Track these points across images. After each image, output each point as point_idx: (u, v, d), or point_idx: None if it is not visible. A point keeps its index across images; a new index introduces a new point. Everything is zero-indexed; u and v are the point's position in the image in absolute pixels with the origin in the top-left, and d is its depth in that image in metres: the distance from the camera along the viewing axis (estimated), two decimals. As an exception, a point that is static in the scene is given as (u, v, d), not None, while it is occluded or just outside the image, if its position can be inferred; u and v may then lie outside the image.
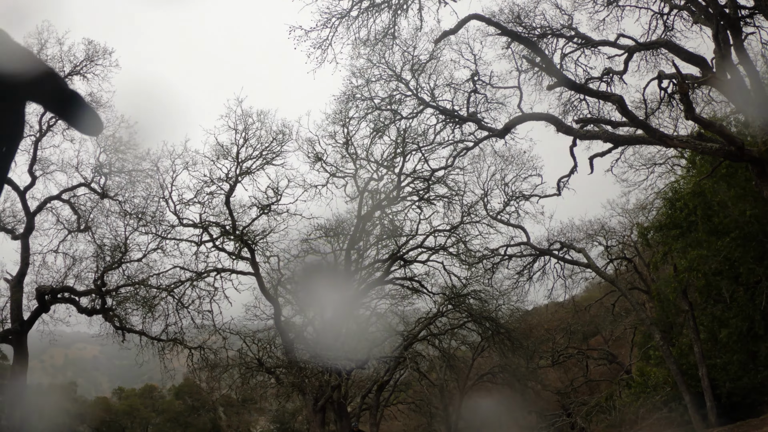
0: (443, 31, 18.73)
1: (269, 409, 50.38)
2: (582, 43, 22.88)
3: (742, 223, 21.36)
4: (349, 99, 22.92)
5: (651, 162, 29.38)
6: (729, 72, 18.25)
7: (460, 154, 24.05)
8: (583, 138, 19.83)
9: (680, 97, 15.55)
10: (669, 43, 20.98)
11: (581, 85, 19.36)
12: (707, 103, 25.24)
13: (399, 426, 45.56)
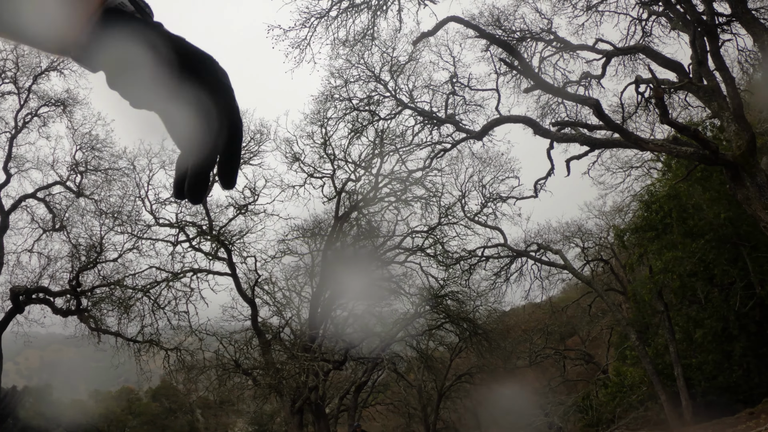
0: (421, 33, 18.77)
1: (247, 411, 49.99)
2: (561, 47, 23.01)
3: (717, 226, 21.63)
4: (328, 99, 22.91)
5: (628, 165, 29.65)
6: (705, 78, 18.47)
7: (438, 156, 24.09)
8: (560, 141, 19.96)
9: (655, 101, 15.71)
10: (647, 48, 21.17)
11: (558, 89, 19.48)
12: (684, 108, 25.51)
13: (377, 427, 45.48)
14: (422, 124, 22.87)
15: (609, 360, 36.49)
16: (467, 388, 38.82)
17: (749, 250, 21.23)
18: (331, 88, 22.64)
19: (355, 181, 25.71)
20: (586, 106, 22.24)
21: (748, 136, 16.70)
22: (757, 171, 16.48)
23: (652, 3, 22.06)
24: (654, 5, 22.06)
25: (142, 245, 24.52)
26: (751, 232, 21.13)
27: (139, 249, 24.44)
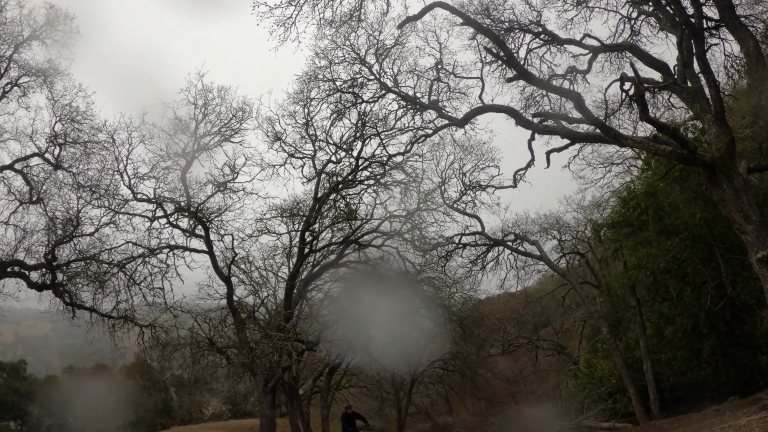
0: (407, 17, 18.63)
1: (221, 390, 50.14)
2: (548, 40, 22.99)
3: (692, 225, 21.89)
4: (311, 79, 22.69)
5: (608, 161, 29.90)
6: (690, 80, 18.56)
7: (419, 141, 24.06)
8: (541, 132, 20.00)
9: (636, 98, 15.76)
10: (633, 46, 21.23)
11: (540, 80, 19.48)
12: (667, 108, 25.68)
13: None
14: (405, 108, 22.81)
15: (580, 352, 36.99)
16: (440, 374, 39.17)
17: (722, 251, 21.52)
18: (315, 69, 22.45)
19: (335, 162, 25.62)
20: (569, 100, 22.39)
21: (728, 139, 16.85)
22: (735, 174, 16.65)
23: (642, 2, 22.09)
24: (644, 5, 22.10)
25: (119, 220, 24.28)
26: (725, 234, 21.41)
27: (116, 224, 24.18)
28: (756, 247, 15.80)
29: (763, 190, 22.71)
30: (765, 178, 23.23)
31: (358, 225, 27.01)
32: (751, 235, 15.92)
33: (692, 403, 24.25)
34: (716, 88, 18.03)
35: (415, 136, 24.03)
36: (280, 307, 26.39)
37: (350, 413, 22.13)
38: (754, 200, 16.76)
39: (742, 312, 22.91)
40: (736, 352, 23.03)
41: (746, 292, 21.17)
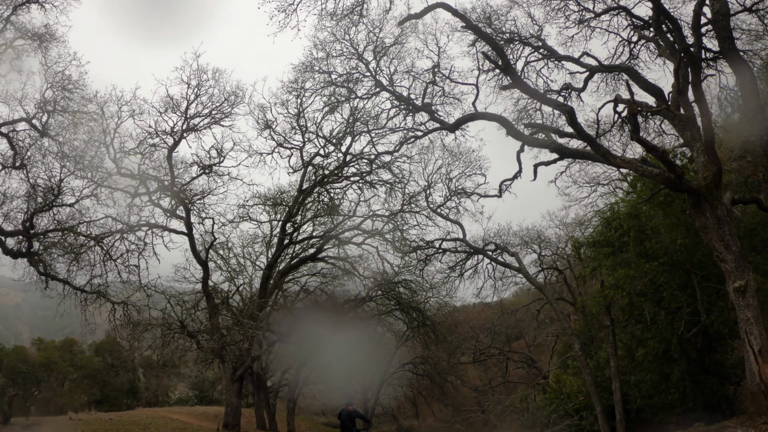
0: (408, 14, 18.54)
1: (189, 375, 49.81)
2: (547, 55, 23.07)
3: (672, 251, 21.99)
4: (307, 70, 22.59)
5: (595, 181, 30.09)
6: (683, 107, 18.70)
7: (409, 142, 24.04)
8: (531, 145, 20.00)
9: (629, 117, 15.83)
10: (630, 69, 21.34)
11: (535, 91, 19.50)
12: (658, 134, 25.87)
13: (317, 405, 45.64)
14: (398, 108, 22.78)
15: (551, 366, 37.08)
16: (409, 377, 39.13)
17: (700, 278, 21.62)
18: (312, 60, 22.38)
19: (323, 156, 25.59)
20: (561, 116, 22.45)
21: (716, 169, 16.99)
22: (719, 204, 16.79)
23: (643, 27, 22.23)
24: (645, 30, 22.25)
25: (100, 193, 24.06)
26: (704, 262, 21.52)
27: (97, 197, 23.96)
28: (734, 276, 15.94)
29: (745, 223, 22.89)
30: (748, 212, 23.41)
31: (340, 220, 26.94)
32: (730, 264, 16.06)
33: (658, 426, 24.34)
34: (708, 117, 18.14)
35: (405, 137, 24.01)
36: (255, 295, 26.27)
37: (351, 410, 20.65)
38: (735, 231, 16.92)
39: (714, 340, 23.02)
40: (704, 379, 23.13)
41: (720, 321, 21.28)
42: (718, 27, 16.95)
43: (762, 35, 26.00)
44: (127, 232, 24.33)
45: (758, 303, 16.07)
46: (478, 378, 41.74)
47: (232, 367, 24.88)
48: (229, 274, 28.00)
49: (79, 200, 23.88)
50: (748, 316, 15.68)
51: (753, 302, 15.79)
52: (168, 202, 24.92)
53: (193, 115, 24.26)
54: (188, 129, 24.25)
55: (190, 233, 24.71)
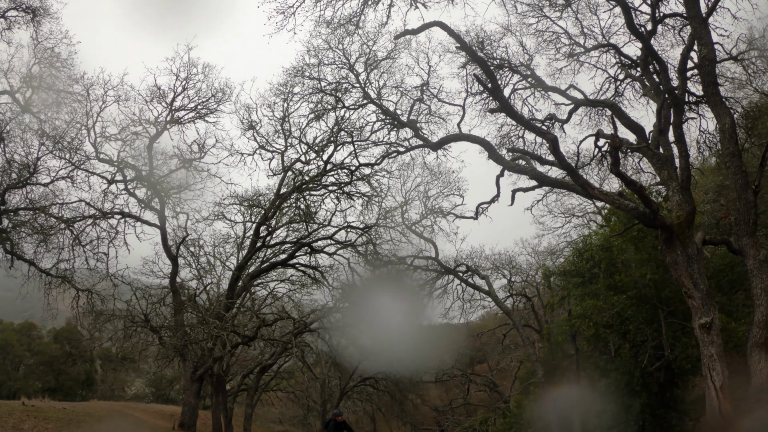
0: (405, 30, 18.68)
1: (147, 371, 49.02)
2: (534, 84, 23.43)
3: (641, 285, 22.30)
4: (297, 74, 22.57)
5: (570, 212, 30.48)
6: (663, 147, 19.09)
7: (391, 157, 24.11)
8: (511, 170, 20.15)
9: (610, 150, 16.08)
10: (614, 105, 21.76)
11: (521, 116, 19.72)
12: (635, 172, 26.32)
13: (275, 413, 45.24)
14: (383, 122, 22.88)
15: (512, 392, 37.15)
16: (370, 392, 38.94)
17: (666, 314, 21.93)
18: (303, 65, 22.37)
19: (304, 162, 25.47)
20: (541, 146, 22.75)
21: (689, 209, 17.33)
22: (690, 242, 17.09)
23: (631, 67, 22.70)
24: (632, 69, 22.71)
25: (76, 176, 23.73)
26: (671, 298, 21.87)
27: (73, 179, 23.62)
28: (700, 313, 16.22)
29: (714, 264, 23.33)
30: (717, 253, 23.85)
31: (314, 228, 26.84)
32: (698, 301, 16.34)
33: (617, 458, 24.51)
34: (686, 158, 18.53)
35: (388, 151, 24.09)
36: (222, 296, 26.00)
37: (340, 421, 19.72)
38: (704, 270, 17.21)
39: (676, 375, 23.30)
40: (665, 413, 23.39)
41: (683, 357, 21.58)
42: (704, 72, 17.32)
43: (745, 84, 26.70)
44: (100, 218, 23.99)
45: (721, 341, 16.33)
46: (438, 398, 41.69)
47: (193, 366, 24.58)
48: (198, 272, 27.75)
49: (54, 181, 23.58)
50: (712, 353, 15.94)
51: (717, 339, 16.06)
52: (144, 192, 24.72)
53: (178, 107, 24.15)
54: (172, 121, 24.10)
55: (162, 226, 24.47)
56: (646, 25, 21.60)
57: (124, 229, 24.56)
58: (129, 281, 25.04)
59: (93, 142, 23.56)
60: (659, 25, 21.54)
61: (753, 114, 26.82)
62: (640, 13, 22.11)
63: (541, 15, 22.73)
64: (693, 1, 17.49)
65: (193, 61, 24.34)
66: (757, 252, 16.12)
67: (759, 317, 15.66)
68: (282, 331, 28.82)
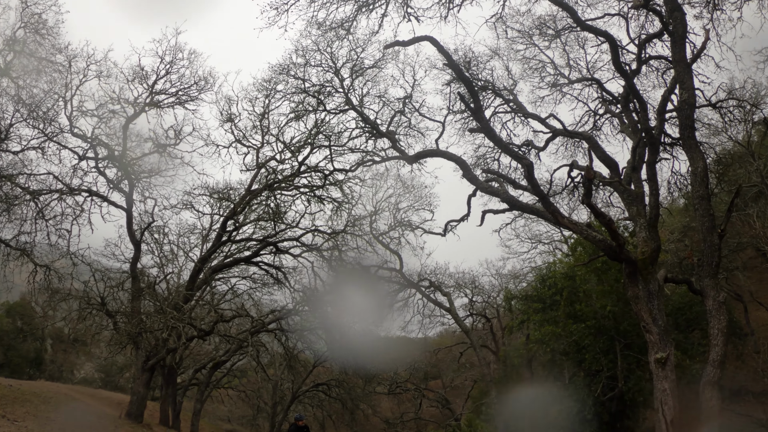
0: (395, 40, 18.70)
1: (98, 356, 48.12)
2: (515, 109, 23.72)
3: (600, 316, 22.62)
4: (283, 72, 22.44)
5: (537, 238, 30.79)
6: (634, 183, 19.45)
7: (366, 165, 24.07)
8: (484, 191, 20.24)
9: (583, 181, 16.29)
10: (591, 138, 22.11)
11: (500, 139, 19.86)
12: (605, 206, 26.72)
13: (224, 411, 44.71)
14: (362, 130, 22.84)
15: (464, 410, 37.23)
16: (321, 398, 38.73)
17: (622, 346, 22.24)
18: (290, 63, 22.24)
19: (278, 161, 25.27)
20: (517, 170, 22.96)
21: (655, 246, 17.68)
22: (652, 279, 17.40)
23: (611, 103, 23.09)
24: (613, 105, 23.10)
25: (48, 147, 23.19)
26: (628, 331, 22.20)
27: (44, 150, 23.07)
28: (657, 348, 16.51)
29: (674, 301, 23.81)
30: (677, 291, 24.29)
31: (281, 228, 26.66)
32: (655, 336, 16.62)
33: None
34: (656, 197, 18.89)
35: (363, 160, 24.04)
36: (182, 287, 25.65)
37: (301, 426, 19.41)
38: (663, 307, 17.50)
39: (627, 407, 23.56)
40: (615, 444, 23.65)
41: (636, 390, 21.92)
42: (682, 116, 17.63)
43: (720, 131, 27.35)
44: (66, 193, 23.45)
45: (675, 377, 16.61)
46: (390, 410, 41.64)
47: (146, 355, 24.16)
48: (160, 259, 27.36)
49: (24, 150, 22.94)
50: (665, 387, 16.24)
51: (671, 375, 16.38)
52: (114, 172, 24.26)
53: (159, 90, 23.79)
54: (151, 103, 23.74)
55: (129, 209, 24.07)
56: (631, 64, 22.04)
57: (90, 207, 24.05)
58: (89, 262, 24.50)
59: (69, 115, 23.05)
60: (644, 66, 21.98)
61: (725, 161, 27.52)
62: (627, 51, 22.61)
63: (530, 43, 23.07)
64: (679, 46, 17.83)
65: (179, 46, 24.18)
66: (717, 294, 16.44)
67: (714, 356, 15.96)
68: (239, 329, 28.56)
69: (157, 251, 27.34)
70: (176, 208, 26.24)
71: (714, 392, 15.90)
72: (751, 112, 26.59)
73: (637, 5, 19.88)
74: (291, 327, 29.13)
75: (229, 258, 27.22)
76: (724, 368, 18.92)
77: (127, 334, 23.62)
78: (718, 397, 16.03)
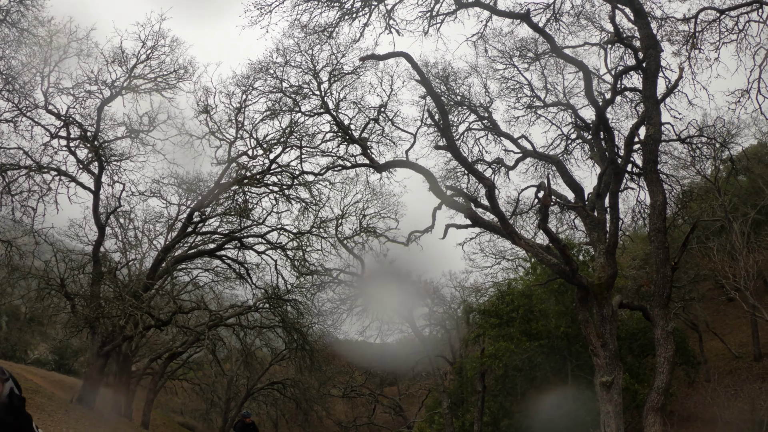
0: (372, 54, 18.93)
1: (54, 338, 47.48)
2: (489, 127, 24.09)
3: (554, 336, 23.07)
4: (262, 70, 22.51)
5: (501, 254, 31.12)
6: (598, 210, 19.89)
7: (336, 169, 24.16)
8: (449, 205, 20.46)
9: (540, 207, 16.70)
10: (560, 163, 22.55)
11: (464, 158, 20.02)
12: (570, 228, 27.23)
13: (177, 403, 44.38)
14: (335, 134, 22.97)
15: (417, 418, 37.45)
16: (276, 397, 38.68)
17: (574, 366, 22.70)
18: (270, 62, 22.33)
19: (250, 157, 25.22)
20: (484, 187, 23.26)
21: (611, 272, 18.14)
22: (607, 304, 17.83)
23: (584, 129, 23.56)
24: (585, 132, 23.58)
25: (20, 122, 22.89)
26: (581, 352, 22.65)
27: (16, 124, 22.78)
28: (603, 372, 16.92)
29: (629, 327, 24.28)
30: (633, 317, 24.79)
31: (247, 224, 26.66)
32: (602, 360, 17.03)
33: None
34: (616, 225, 19.38)
35: (334, 163, 24.15)
36: (144, 274, 25.50)
37: (248, 423, 19.08)
38: (615, 331, 17.92)
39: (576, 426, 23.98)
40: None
41: (584, 410, 22.33)
42: (647, 150, 18.12)
43: (688, 165, 28.04)
44: (35, 171, 23.19)
45: (622, 401, 17.07)
46: (344, 413, 41.74)
47: (101, 341, 23.94)
48: (124, 245, 27.17)
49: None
50: (609, 410, 16.68)
51: (617, 398, 16.79)
52: (85, 154, 24.07)
53: (138, 75, 23.70)
54: (129, 87, 23.61)
55: (96, 192, 23.88)
56: (605, 93, 22.53)
57: (58, 187, 23.80)
58: (52, 241, 24.29)
59: (45, 91, 22.80)
60: (618, 96, 22.47)
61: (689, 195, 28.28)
62: (603, 81, 23.12)
63: (510, 63, 23.48)
64: (650, 82, 18.34)
65: (162, 32, 24.03)
66: (666, 323, 16.89)
67: (659, 383, 16.44)
68: (197, 321, 28.48)
69: (121, 236, 27.13)
70: (144, 194, 26.10)
71: (657, 418, 16.37)
72: (720, 150, 27.29)
73: (611, 41, 20.41)
74: (250, 323, 29.13)
75: (193, 249, 27.13)
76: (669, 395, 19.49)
77: (85, 318, 23.42)
78: (660, 422, 16.54)
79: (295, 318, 28.60)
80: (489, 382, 27.42)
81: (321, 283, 29.31)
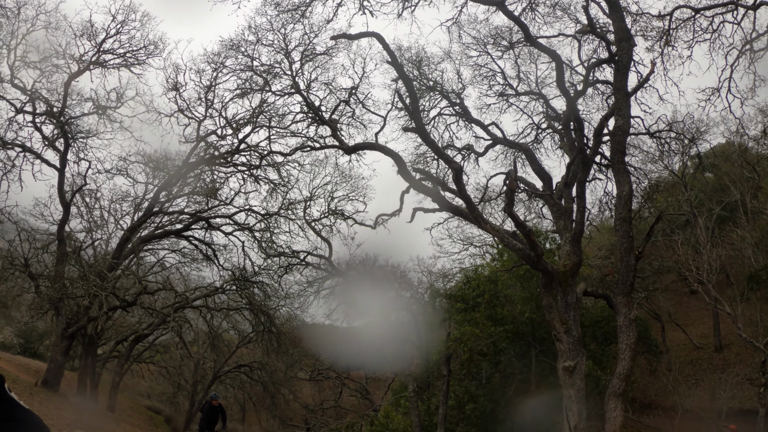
0: (343, 33, 18.86)
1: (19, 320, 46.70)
2: (460, 113, 24.13)
3: (519, 321, 23.33)
4: (233, 47, 22.28)
5: (469, 240, 31.31)
6: (565, 199, 20.15)
7: (305, 150, 24.10)
8: (417, 189, 20.50)
9: (506, 191, 16.83)
10: (529, 151, 22.73)
11: (432, 141, 20.01)
12: (538, 216, 27.51)
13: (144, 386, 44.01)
14: (305, 115, 22.90)
15: (383, 402, 37.63)
16: (243, 380, 38.61)
17: (538, 351, 23.00)
18: (242, 40, 22.12)
19: (219, 137, 25.06)
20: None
21: (576, 260, 18.39)
22: (571, 291, 18.11)
23: (555, 119, 23.77)
24: (556, 122, 23.79)
25: (-14, 98, 22.46)
26: (545, 338, 22.95)
27: (-19, 99, 22.36)
28: (565, 357, 17.21)
29: (593, 314, 24.65)
30: (597, 305, 25.17)
31: (215, 204, 26.48)
32: (565, 345, 17.30)
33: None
34: (583, 214, 19.65)
35: (303, 145, 24.08)
36: (109, 254, 25.23)
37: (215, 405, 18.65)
38: (579, 318, 18.21)
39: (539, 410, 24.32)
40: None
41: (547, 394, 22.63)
42: (615, 141, 18.35)
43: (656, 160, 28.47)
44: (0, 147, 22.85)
45: (584, 386, 17.39)
46: (311, 397, 41.80)
47: (66, 322, 23.67)
48: (89, 224, 26.80)
49: (-41, 96, 22.25)
50: (571, 394, 17.00)
51: (579, 383, 17.09)
52: (50, 130, 23.67)
53: (107, 50, 23.31)
54: (97, 62, 23.23)
55: (62, 169, 23.53)
56: (578, 85, 22.74)
57: (22, 164, 23.56)
58: (16, 220, 23.94)
59: (11, 65, 22.39)
60: (590, 88, 22.70)
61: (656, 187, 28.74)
62: (576, 72, 23.32)
63: (483, 50, 23.52)
64: (622, 75, 18.56)
65: (133, 6, 23.75)
66: (628, 311, 17.18)
67: (620, 370, 16.76)
68: (164, 303, 28.25)
69: (86, 215, 26.77)
70: (110, 172, 25.78)
71: (618, 403, 16.71)
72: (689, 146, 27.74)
73: (584, 31, 20.57)
74: (217, 305, 28.99)
75: (160, 229, 26.88)
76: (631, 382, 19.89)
77: (49, 299, 23.15)
78: (621, 408, 16.89)
79: (262, 300, 28.51)
80: (454, 366, 27.65)
81: (288, 265, 29.20)
